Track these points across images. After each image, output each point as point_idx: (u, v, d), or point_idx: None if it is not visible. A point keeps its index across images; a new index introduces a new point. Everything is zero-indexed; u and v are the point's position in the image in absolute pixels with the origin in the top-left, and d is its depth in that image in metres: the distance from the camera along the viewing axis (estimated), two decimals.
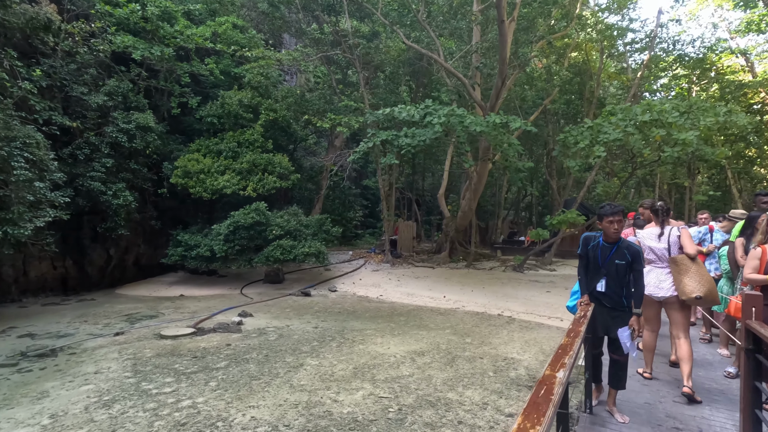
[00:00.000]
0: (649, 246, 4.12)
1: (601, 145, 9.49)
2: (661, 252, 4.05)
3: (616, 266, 3.49)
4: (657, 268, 4.05)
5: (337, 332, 7.85)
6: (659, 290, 3.99)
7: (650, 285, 3.99)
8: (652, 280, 4.01)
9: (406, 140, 10.34)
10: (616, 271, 3.50)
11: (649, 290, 3.99)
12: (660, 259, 4.04)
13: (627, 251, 3.47)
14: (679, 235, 3.98)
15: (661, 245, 4.04)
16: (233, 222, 11.83)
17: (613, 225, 3.45)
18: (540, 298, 11.11)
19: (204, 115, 13.57)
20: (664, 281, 3.97)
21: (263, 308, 10.01)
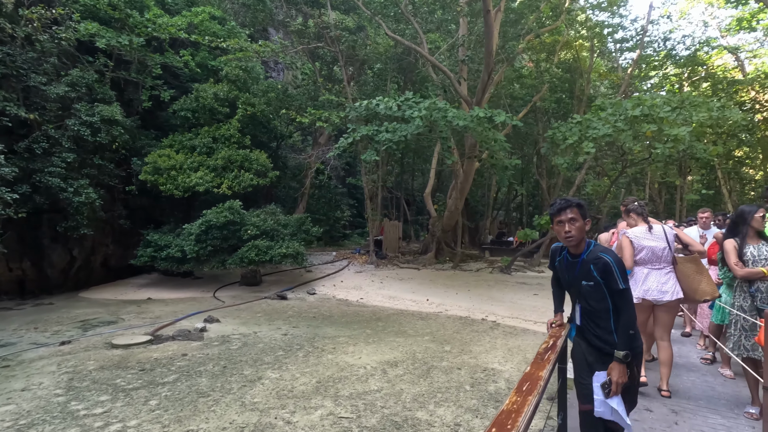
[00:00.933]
0: (647, 246, 3.78)
1: (590, 141, 9.04)
2: (662, 252, 3.73)
3: (584, 290, 2.47)
4: (655, 270, 3.76)
5: (307, 340, 7.28)
6: (663, 294, 3.68)
7: (651, 290, 3.72)
8: (652, 284, 3.74)
9: (386, 135, 9.80)
10: (587, 297, 2.49)
11: (651, 295, 3.73)
12: (660, 259, 3.73)
13: (594, 266, 2.40)
14: (675, 233, 3.78)
15: (661, 244, 3.74)
16: (205, 221, 11.20)
17: (563, 227, 2.44)
18: (526, 302, 10.64)
19: (177, 109, 12.92)
20: (665, 284, 3.69)
21: (233, 313, 9.40)
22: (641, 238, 3.85)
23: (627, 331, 2.35)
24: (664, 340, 3.77)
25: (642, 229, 3.88)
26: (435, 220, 16.63)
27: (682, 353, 5.03)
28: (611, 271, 2.36)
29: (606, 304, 2.44)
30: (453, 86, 12.46)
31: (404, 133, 9.83)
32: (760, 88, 15.91)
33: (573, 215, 2.42)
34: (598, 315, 2.47)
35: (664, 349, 3.77)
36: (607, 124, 9.00)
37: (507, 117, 8.83)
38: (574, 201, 2.47)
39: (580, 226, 2.43)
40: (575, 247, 2.50)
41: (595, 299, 2.46)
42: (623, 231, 4.12)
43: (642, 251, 3.82)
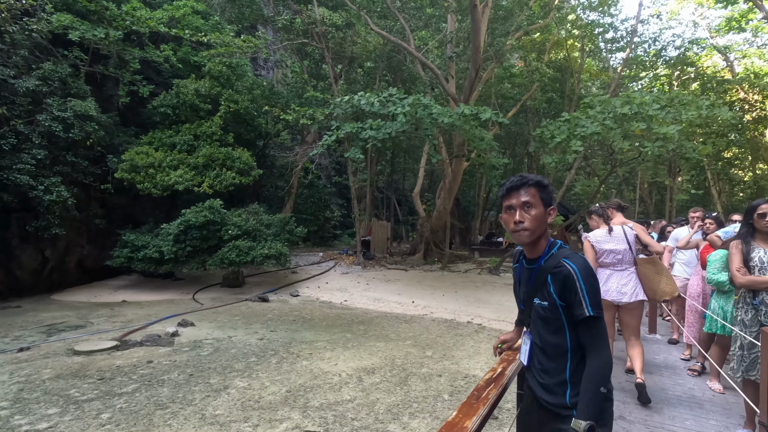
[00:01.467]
0: (608, 249, 3.78)
1: (578, 140, 8.82)
2: (623, 254, 3.73)
3: (537, 313, 1.69)
4: (617, 271, 3.75)
5: (282, 345, 6.97)
6: (622, 296, 3.69)
7: (612, 290, 3.74)
8: (612, 285, 3.75)
9: (370, 133, 9.50)
10: (540, 325, 1.70)
11: (610, 296, 3.73)
12: (622, 261, 3.74)
13: (552, 278, 1.63)
14: (635, 233, 3.76)
15: (621, 246, 3.74)
16: (184, 221, 10.83)
17: (512, 215, 1.68)
18: (513, 304, 10.35)
19: (157, 106, 12.52)
20: (625, 285, 3.70)
21: (210, 316, 9.05)
22: (602, 241, 3.81)
23: (595, 388, 1.48)
24: (631, 338, 3.77)
25: (602, 232, 3.84)
26: (424, 220, 16.36)
27: (668, 363, 4.77)
28: (575, 288, 1.54)
29: (562, 339, 1.61)
30: (440, 84, 12.19)
31: (389, 131, 9.55)
32: (749, 88, 15.86)
33: (528, 198, 1.63)
34: (550, 355, 1.65)
35: (632, 347, 3.74)
36: (595, 122, 8.78)
37: (493, 114, 8.58)
38: (533, 179, 1.67)
39: (537, 216, 1.63)
40: (530, 247, 1.71)
41: (548, 329, 1.64)
42: (585, 235, 4.10)
43: (603, 254, 3.80)
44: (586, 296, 1.53)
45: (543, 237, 1.71)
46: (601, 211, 3.97)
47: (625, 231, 3.79)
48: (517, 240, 1.69)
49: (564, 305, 1.59)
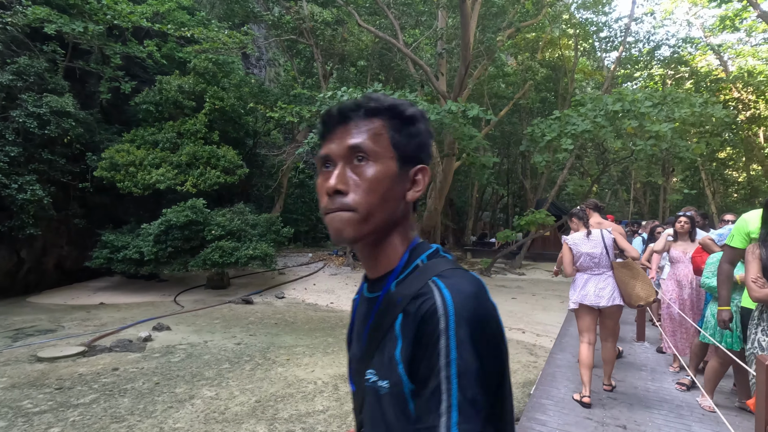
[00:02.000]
0: (585, 252, 3.72)
1: (568, 138, 8.58)
2: (600, 257, 3.67)
3: (371, 404, 0.73)
4: (594, 275, 3.70)
5: (260, 350, 6.67)
6: (599, 299, 3.61)
7: (590, 294, 3.65)
8: (591, 289, 3.67)
9: None
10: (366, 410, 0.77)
11: (589, 300, 3.65)
12: (599, 265, 3.68)
13: (405, 322, 0.69)
14: (613, 237, 3.70)
15: (598, 249, 3.68)
16: (165, 221, 10.50)
17: (327, 176, 0.74)
18: (503, 306, 10.14)
19: (140, 102, 12.18)
20: (603, 289, 3.63)
21: (189, 319, 8.74)
22: (579, 244, 3.75)
23: None
24: (608, 341, 3.75)
25: (580, 235, 3.77)
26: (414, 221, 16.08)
27: (656, 376, 4.51)
28: (436, 351, 0.63)
29: None
30: (430, 81, 11.92)
31: None
32: (743, 87, 15.72)
33: (363, 140, 0.73)
34: None
35: (606, 350, 3.76)
36: (586, 120, 8.54)
37: (481, 111, 8.31)
38: (379, 101, 0.76)
39: (379, 178, 0.73)
40: (367, 253, 0.81)
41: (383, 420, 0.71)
42: (564, 238, 3.99)
43: (581, 257, 3.74)
44: (454, 379, 0.61)
45: (395, 232, 0.79)
46: (581, 213, 3.91)
47: (603, 234, 3.71)
48: (333, 233, 0.73)
49: (410, 372, 0.67)
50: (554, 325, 8.57)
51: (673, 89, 10.14)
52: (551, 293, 11.43)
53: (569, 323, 6.72)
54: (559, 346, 5.64)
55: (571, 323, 6.71)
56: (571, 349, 5.36)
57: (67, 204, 11.50)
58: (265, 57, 30.72)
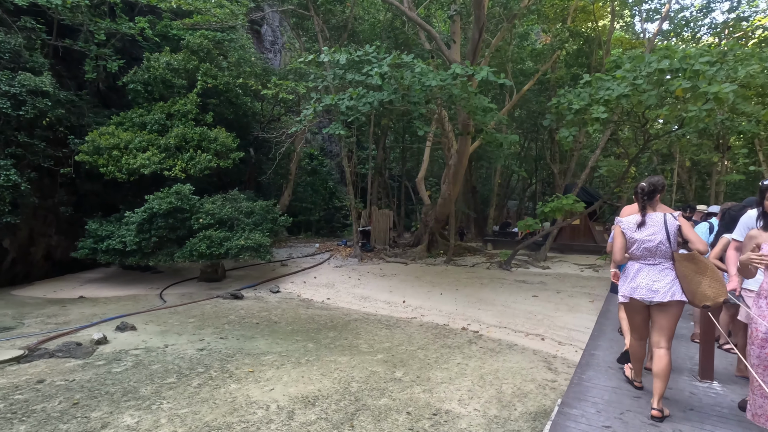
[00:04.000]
0: (640, 239, 3.11)
1: (601, 105, 7.07)
2: (658, 247, 3.06)
3: None
4: (648, 266, 3.12)
5: (222, 358, 5.67)
6: (653, 294, 3.04)
7: (641, 287, 3.09)
8: (643, 281, 3.10)
9: (347, 103, 8.02)
10: None
11: (640, 293, 3.08)
12: (653, 254, 3.09)
13: None
14: (679, 224, 3.04)
15: (657, 237, 3.06)
16: (148, 208, 9.69)
17: None
18: (522, 306, 8.79)
19: (128, 82, 11.38)
20: (659, 281, 3.05)
21: (163, 317, 7.88)
22: (633, 229, 3.17)
23: None
24: (661, 347, 3.06)
25: (636, 218, 3.18)
26: (428, 208, 14.79)
27: None
28: None
29: None
30: (440, 50, 10.50)
31: (370, 100, 8.03)
32: None
33: None
34: None
35: (659, 359, 3.03)
36: (624, 82, 6.99)
37: (491, 73, 6.90)
38: None
39: None
40: None
41: None
42: (617, 219, 3.37)
43: (633, 244, 3.16)
44: None
45: None
46: (641, 193, 3.16)
47: (666, 219, 3.07)
48: None
49: None
50: (581, 331, 7.19)
51: (735, 43, 8.31)
52: (579, 290, 9.95)
53: (602, 329, 5.36)
54: (588, 360, 4.33)
55: (604, 329, 5.36)
56: (605, 365, 4.04)
57: (53, 191, 10.89)
58: (280, 41, 29.80)
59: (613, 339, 4.87)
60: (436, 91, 8.50)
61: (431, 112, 10.05)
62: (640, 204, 3.16)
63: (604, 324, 5.66)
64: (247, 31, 21.31)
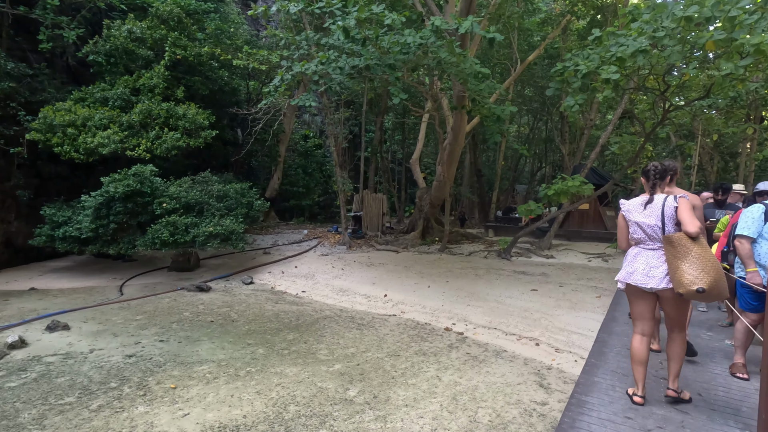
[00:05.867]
0: (635, 221, 2.95)
1: (612, 65, 5.85)
2: (652, 229, 2.86)
3: None
4: (647, 250, 2.91)
5: (147, 369, 4.76)
6: (649, 279, 2.83)
7: (637, 272, 2.89)
8: (640, 266, 2.90)
9: (312, 68, 6.91)
10: None
11: (635, 279, 2.89)
12: (651, 238, 2.88)
13: None
14: (676, 206, 2.78)
15: (651, 220, 2.86)
16: (104, 191, 8.77)
17: None
18: (518, 301, 7.74)
19: (88, 52, 10.37)
20: (656, 267, 2.82)
21: (110, 313, 7.02)
22: (632, 211, 2.99)
23: None
24: (672, 332, 2.89)
25: (638, 200, 3.00)
26: (423, 192, 13.67)
27: None
28: None
29: None
30: (431, 11, 9.23)
31: (341, 65, 6.91)
32: None
33: None
34: None
35: (672, 342, 2.88)
36: (642, 36, 5.74)
37: (474, 23, 5.69)
38: None
39: None
40: None
41: None
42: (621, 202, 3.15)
43: (631, 227, 3.00)
44: None
45: None
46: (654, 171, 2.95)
47: (665, 202, 2.85)
48: None
49: None
50: (583, 334, 6.13)
51: None
52: (585, 284, 8.84)
53: (608, 335, 4.32)
54: (591, 371, 3.30)
55: (610, 335, 4.31)
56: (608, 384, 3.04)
57: (10, 173, 10.04)
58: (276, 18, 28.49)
59: (623, 348, 3.82)
60: (421, 56, 7.34)
61: (420, 83, 8.87)
62: (650, 183, 2.96)
63: (611, 327, 4.60)
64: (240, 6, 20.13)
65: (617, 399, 2.90)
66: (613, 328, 4.62)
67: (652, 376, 3.27)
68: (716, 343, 4.18)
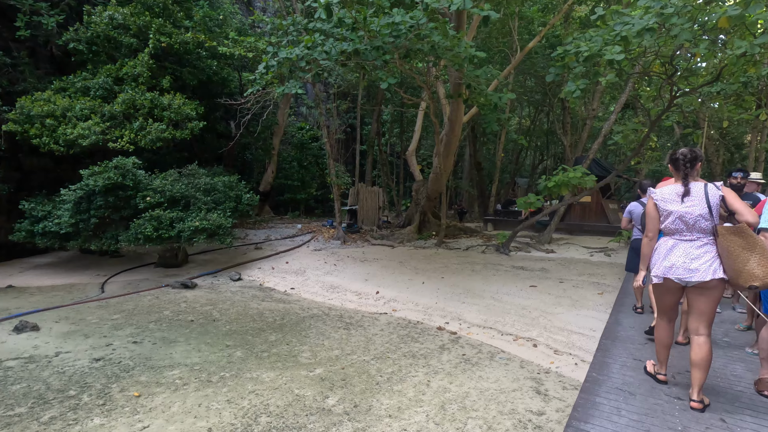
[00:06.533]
0: (675, 211, 2.73)
1: (617, 45, 5.43)
2: (696, 219, 2.66)
3: None
4: (684, 241, 2.74)
5: (113, 375, 4.42)
6: (691, 273, 2.64)
7: (676, 266, 2.70)
8: (678, 258, 2.70)
9: (300, 52, 6.51)
10: None
11: (676, 273, 2.70)
12: (693, 229, 2.70)
13: None
14: (722, 195, 2.64)
15: (696, 210, 2.66)
16: (83, 185, 8.41)
17: None
18: (515, 299, 7.37)
19: (68, 40, 9.96)
20: (697, 258, 2.65)
21: (86, 312, 6.68)
22: (668, 201, 2.78)
23: None
24: (700, 334, 2.67)
25: (672, 189, 2.79)
26: (419, 185, 13.27)
27: None
28: None
29: None
30: None
31: (327, 48, 6.50)
32: None
33: None
34: None
35: (698, 347, 2.65)
36: (649, 13, 5.31)
37: None
38: None
39: None
40: None
41: None
42: (651, 191, 2.95)
43: (668, 218, 2.78)
44: None
45: None
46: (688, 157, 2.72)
47: (708, 191, 2.66)
48: None
49: None
50: (585, 334, 5.77)
51: None
52: (586, 280, 8.46)
53: (614, 336, 3.96)
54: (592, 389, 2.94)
55: (615, 334, 3.94)
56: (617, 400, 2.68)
57: None
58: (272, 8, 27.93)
59: (630, 358, 3.44)
60: (414, 40, 6.91)
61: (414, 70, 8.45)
62: (681, 172, 2.77)
63: (616, 332, 4.23)
64: None
65: (623, 428, 2.49)
66: (617, 332, 4.25)
67: None
68: (735, 351, 3.76)
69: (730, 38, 4.98)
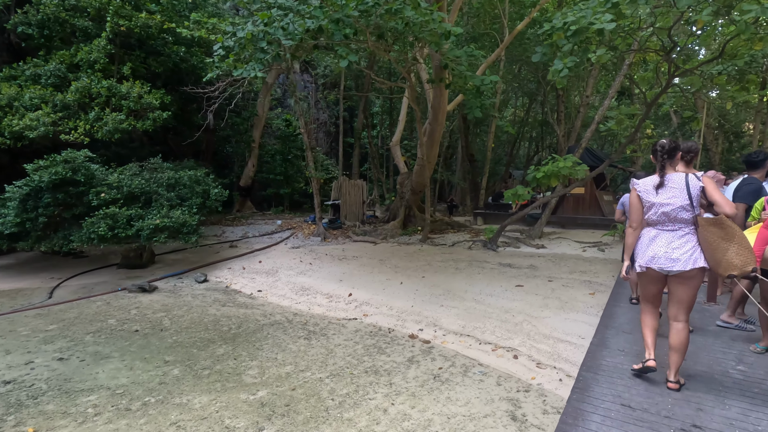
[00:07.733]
0: (657, 203, 2.80)
1: (608, 13, 4.74)
2: (678, 211, 2.72)
3: None
4: (666, 231, 2.81)
5: (14, 403, 3.78)
6: (673, 263, 2.72)
7: (658, 256, 2.78)
8: (660, 248, 2.79)
9: (254, 29, 5.80)
10: None
11: (658, 263, 2.77)
12: (675, 219, 2.76)
13: None
14: (702, 186, 2.68)
15: (678, 201, 2.71)
16: (29, 180, 7.69)
17: None
18: (499, 300, 6.73)
19: (16, 23, 9.18)
20: (678, 248, 2.73)
21: (20, 322, 6.01)
22: (651, 192, 2.84)
23: None
24: (678, 320, 2.81)
25: (653, 180, 2.86)
26: (404, 177, 12.58)
27: None
28: None
29: None
30: None
31: (284, 24, 5.79)
32: None
33: None
34: None
35: (676, 332, 2.79)
36: None
37: None
38: None
39: None
40: None
41: None
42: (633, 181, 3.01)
43: (651, 209, 2.84)
44: None
45: None
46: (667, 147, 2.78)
47: (688, 181, 2.72)
48: None
49: None
50: (572, 342, 5.13)
51: None
52: (577, 278, 7.83)
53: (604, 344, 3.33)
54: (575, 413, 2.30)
55: (606, 336, 3.31)
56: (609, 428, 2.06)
57: None
58: None
59: (621, 374, 2.79)
60: (386, 17, 6.20)
61: (386, 50, 7.73)
62: (658, 163, 2.81)
63: (607, 337, 3.61)
64: None
65: None
66: (608, 339, 3.62)
67: None
68: (750, 376, 3.08)
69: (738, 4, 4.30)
